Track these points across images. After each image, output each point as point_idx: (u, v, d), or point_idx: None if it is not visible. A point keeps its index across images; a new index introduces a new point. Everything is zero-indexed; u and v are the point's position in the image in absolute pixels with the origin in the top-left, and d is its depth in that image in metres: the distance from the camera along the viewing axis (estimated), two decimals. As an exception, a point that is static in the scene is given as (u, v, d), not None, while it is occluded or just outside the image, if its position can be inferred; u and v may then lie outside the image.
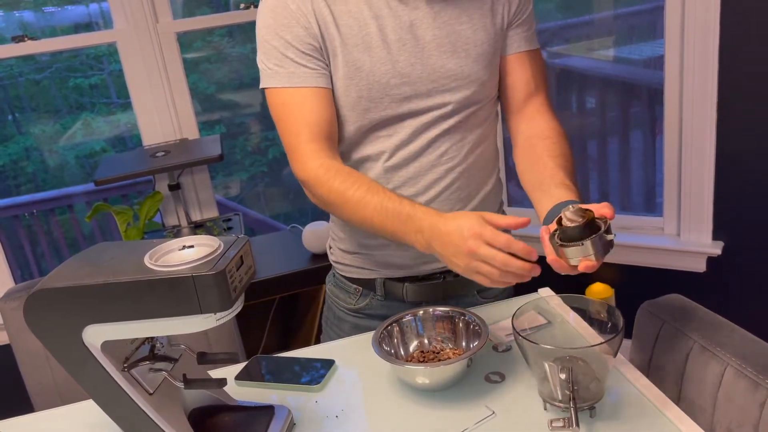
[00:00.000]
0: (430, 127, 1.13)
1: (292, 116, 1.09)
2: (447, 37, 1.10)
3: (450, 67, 1.10)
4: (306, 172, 1.08)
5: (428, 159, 1.14)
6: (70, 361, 0.86)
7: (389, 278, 1.23)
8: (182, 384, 0.91)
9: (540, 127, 1.16)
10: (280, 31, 1.07)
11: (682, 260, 2.16)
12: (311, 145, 1.08)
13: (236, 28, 3.62)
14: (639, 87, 2.61)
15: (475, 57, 1.11)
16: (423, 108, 1.11)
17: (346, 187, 1.04)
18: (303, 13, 1.06)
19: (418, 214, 0.98)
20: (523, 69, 1.18)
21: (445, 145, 1.14)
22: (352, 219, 1.07)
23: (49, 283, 0.84)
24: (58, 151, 4.00)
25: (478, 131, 1.17)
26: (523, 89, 1.18)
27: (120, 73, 2.21)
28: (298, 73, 1.08)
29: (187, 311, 0.82)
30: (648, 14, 2.45)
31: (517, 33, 1.16)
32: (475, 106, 1.15)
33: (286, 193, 4.33)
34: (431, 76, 1.10)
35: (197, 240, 0.88)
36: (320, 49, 1.08)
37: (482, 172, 1.20)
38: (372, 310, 1.26)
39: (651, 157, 2.52)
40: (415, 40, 1.09)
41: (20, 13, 3.38)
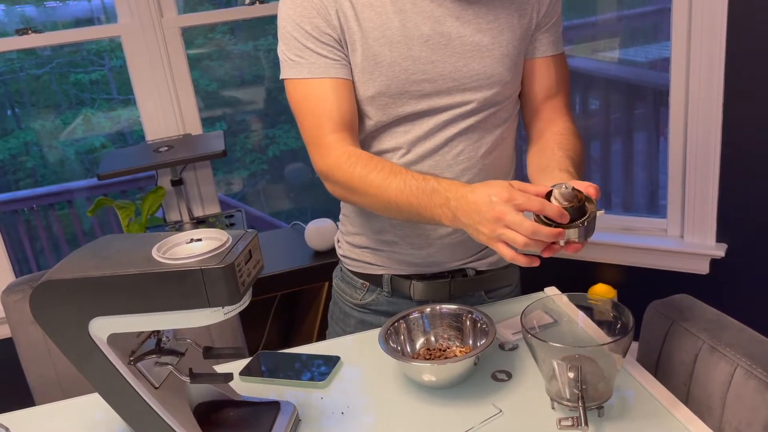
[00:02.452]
0: (449, 125, 1.11)
1: (314, 109, 1.07)
2: (472, 36, 1.07)
3: (473, 67, 1.08)
4: (328, 162, 1.06)
5: (444, 158, 1.12)
6: (75, 353, 0.85)
7: (397, 275, 1.22)
8: (188, 378, 0.90)
9: (555, 126, 1.15)
10: (300, 22, 1.06)
11: (686, 262, 2.15)
12: (333, 136, 1.07)
13: (238, 26, 3.62)
14: (644, 88, 2.60)
15: (500, 57, 1.09)
16: (443, 106, 1.10)
17: (368, 170, 1.02)
18: (324, 4, 1.05)
19: (443, 185, 0.95)
20: (548, 73, 1.16)
21: (462, 144, 1.12)
22: (374, 203, 1.04)
23: (55, 274, 0.83)
24: (58, 147, 3.99)
25: (497, 132, 1.15)
26: (544, 93, 1.17)
27: (121, 69, 2.20)
28: (318, 64, 1.06)
29: (195, 305, 0.81)
30: (653, 16, 2.45)
31: (545, 37, 1.14)
32: (495, 107, 1.13)
33: (287, 192, 4.32)
34: (453, 75, 1.08)
35: (205, 233, 0.87)
36: (340, 41, 1.07)
37: (498, 174, 1.18)
38: (378, 306, 1.26)
39: (655, 159, 2.52)
40: (438, 37, 1.06)
41: (22, 8, 3.37)
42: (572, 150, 1.09)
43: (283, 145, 4.23)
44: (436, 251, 1.19)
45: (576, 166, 1.05)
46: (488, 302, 1.27)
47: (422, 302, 1.21)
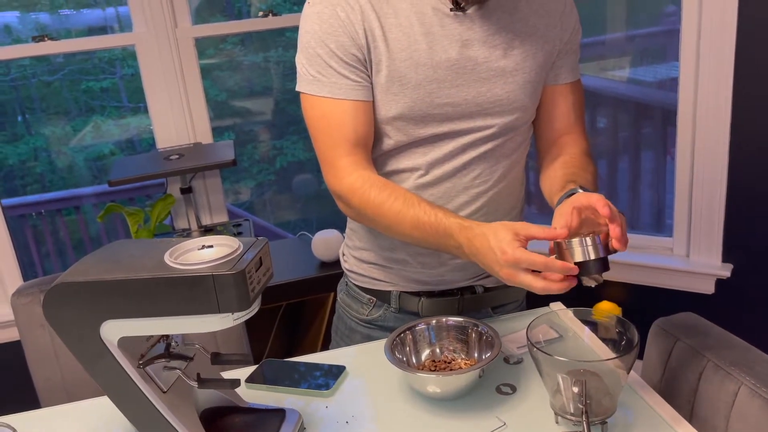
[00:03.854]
0: (468, 149, 1.11)
1: (331, 129, 1.07)
2: (497, 61, 1.07)
3: (496, 92, 1.08)
4: (342, 185, 1.07)
5: (461, 181, 1.12)
6: (86, 356, 0.86)
7: (405, 292, 1.22)
8: (196, 383, 0.91)
9: (569, 149, 1.15)
10: (325, 39, 1.04)
11: (691, 281, 2.15)
12: (348, 159, 1.07)
13: (248, 37, 3.65)
14: (651, 108, 2.62)
15: (522, 84, 1.09)
16: (463, 129, 1.09)
17: (382, 200, 1.03)
18: (351, 22, 1.04)
19: (453, 229, 0.97)
20: (565, 100, 1.16)
21: (479, 168, 1.12)
22: (389, 232, 1.07)
23: (69, 277, 0.84)
24: (67, 153, 4.02)
25: (512, 157, 1.15)
26: (563, 120, 1.17)
27: (131, 78, 2.23)
28: (340, 84, 1.06)
29: (206, 310, 0.82)
30: (662, 36, 2.47)
31: (565, 63, 1.15)
32: (512, 132, 1.13)
33: (293, 202, 4.34)
34: (476, 99, 1.08)
35: (217, 240, 0.88)
36: (364, 61, 1.05)
37: (509, 199, 1.19)
38: (384, 322, 1.25)
39: (662, 178, 2.53)
40: (465, 61, 1.06)
41: (36, 15, 3.41)
42: (577, 166, 1.09)
43: (291, 156, 4.25)
44: (448, 271, 1.19)
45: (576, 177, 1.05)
46: (494, 317, 1.27)
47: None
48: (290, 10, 2.78)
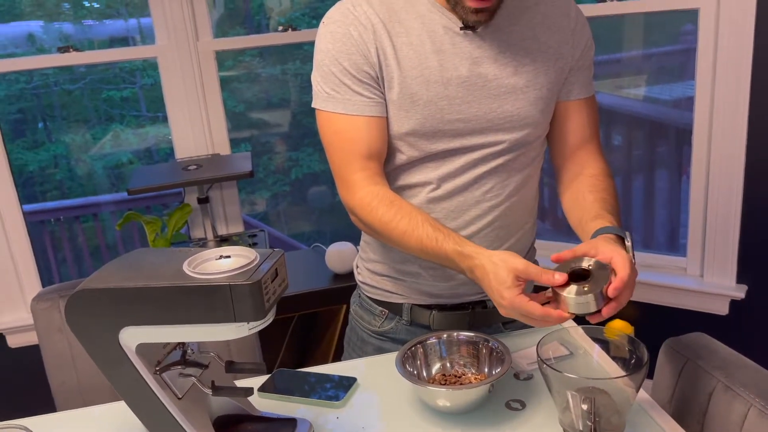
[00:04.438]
0: (479, 163, 1.12)
1: (345, 144, 1.10)
2: (508, 78, 1.09)
3: (507, 109, 1.10)
4: (354, 200, 1.10)
5: (473, 195, 1.14)
6: (105, 361, 0.89)
7: (417, 304, 1.23)
8: (210, 390, 0.93)
9: (588, 168, 1.16)
10: (338, 57, 1.07)
11: (705, 302, 2.14)
12: (360, 174, 1.09)
13: (267, 50, 3.70)
14: (667, 126, 2.62)
15: (534, 100, 1.11)
16: (475, 145, 1.11)
17: (389, 218, 1.06)
18: (364, 41, 1.07)
19: (453, 256, 1.01)
20: (579, 115, 1.17)
21: (491, 182, 1.14)
22: (396, 246, 1.11)
23: (90, 284, 0.87)
24: (86, 161, 4.07)
25: (525, 172, 1.16)
26: (577, 135, 1.18)
27: (151, 87, 2.27)
28: (353, 101, 1.08)
29: (222, 319, 0.84)
30: (679, 55, 2.47)
31: (578, 79, 1.16)
32: (524, 147, 1.14)
33: (307, 214, 4.37)
34: (487, 116, 1.09)
35: (234, 251, 0.90)
36: (377, 78, 1.08)
37: (522, 212, 1.20)
38: (396, 334, 1.26)
39: (676, 197, 2.52)
40: (475, 78, 1.08)
41: (60, 24, 3.48)
42: (604, 191, 1.10)
43: (306, 168, 4.28)
44: (459, 284, 1.20)
45: (607, 206, 1.07)
46: (505, 333, 1.28)
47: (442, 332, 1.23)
48: (309, 24, 2.82)
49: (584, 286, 0.92)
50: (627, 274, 0.90)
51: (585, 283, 0.93)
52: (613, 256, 0.93)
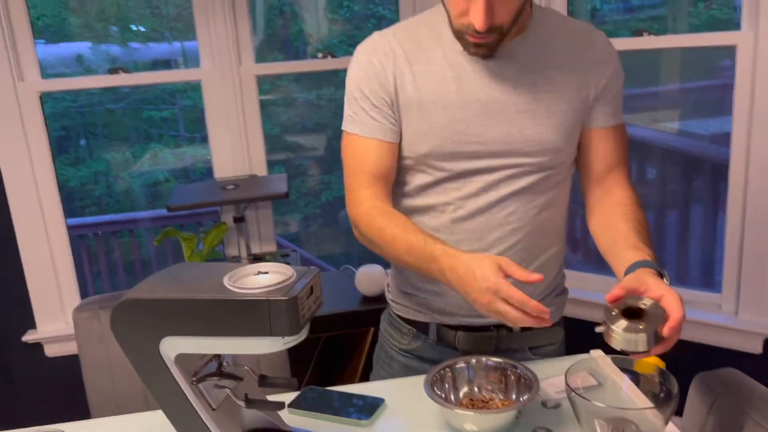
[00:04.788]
0: (501, 185, 1.15)
1: (357, 162, 1.18)
2: (528, 104, 1.12)
3: (527, 133, 1.13)
4: (358, 212, 1.17)
5: (495, 217, 1.16)
6: (145, 369, 0.92)
7: (443, 324, 1.25)
8: (243, 403, 0.95)
9: (617, 196, 1.17)
10: (360, 83, 1.17)
11: (738, 339, 2.11)
12: (367, 191, 1.17)
13: (303, 75, 3.78)
14: (703, 161, 2.60)
15: (555, 126, 1.13)
16: (495, 166, 1.14)
17: (383, 225, 1.12)
18: (383, 68, 1.15)
19: (437, 253, 1.04)
20: (606, 143, 1.19)
21: (514, 205, 1.16)
22: (388, 256, 1.16)
23: (135, 294, 0.91)
24: (125, 178, 4.18)
25: (549, 194, 1.18)
26: (604, 162, 1.19)
27: (189, 109, 2.34)
28: (368, 124, 1.16)
29: (258, 332, 0.87)
30: (716, 90, 2.47)
31: (604, 108, 1.18)
32: (548, 171, 1.16)
33: (337, 236, 4.41)
34: (506, 139, 1.13)
35: (272, 267, 0.93)
36: (392, 105, 1.15)
37: (548, 236, 1.21)
38: (423, 353, 1.29)
39: (711, 233, 2.50)
40: (493, 104, 1.12)
41: (107, 47, 3.62)
42: (636, 221, 1.11)
43: (337, 192, 4.33)
44: None
45: (643, 237, 1.08)
46: (533, 359, 1.28)
47: (467, 353, 1.24)
48: (346, 51, 2.88)
49: (639, 324, 0.91)
50: (681, 314, 0.91)
51: (640, 321, 0.92)
52: (665, 295, 0.93)
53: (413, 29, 1.17)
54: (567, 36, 1.17)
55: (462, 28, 1.07)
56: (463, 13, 1.05)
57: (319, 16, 3.36)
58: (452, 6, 1.07)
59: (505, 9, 1.04)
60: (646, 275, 0.97)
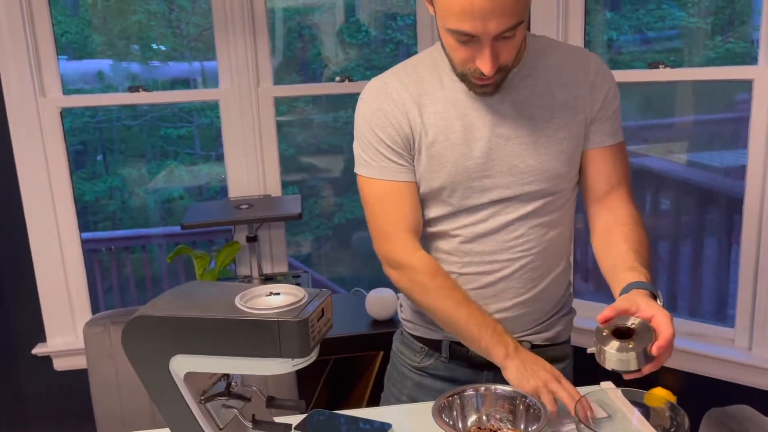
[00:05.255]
0: (508, 210, 1.19)
1: (387, 206, 1.20)
2: (529, 136, 1.16)
3: (530, 163, 1.16)
4: (405, 258, 1.20)
5: (504, 239, 1.19)
6: (154, 386, 0.92)
7: (456, 342, 1.26)
8: (250, 424, 0.95)
9: (619, 215, 1.19)
10: (375, 128, 1.19)
11: (752, 375, 2.07)
12: (407, 234, 1.19)
13: (320, 97, 3.82)
14: (717, 194, 2.59)
15: (556, 154, 1.17)
16: (502, 198, 1.18)
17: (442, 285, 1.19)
18: (396, 114, 1.18)
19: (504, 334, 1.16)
20: (605, 162, 1.21)
21: (522, 228, 1.19)
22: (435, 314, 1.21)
23: (147, 311, 0.91)
24: (140, 194, 4.22)
25: (554, 216, 1.21)
26: (605, 181, 1.22)
27: (206, 127, 2.36)
28: (389, 168, 1.19)
29: (268, 353, 0.87)
30: (731, 123, 2.46)
31: (601, 128, 1.21)
32: (553, 195, 1.20)
33: (348, 259, 4.41)
34: (511, 171, 1.17)
35: (284, 288, 0.94)
36: (409, 148, 1.19)
37: (555, 255, 1.24)
38: (435, 371, 1.30)
39: (725, 266, 2.47)
40: (496, 139, 1.16)
41: (128, 64, 3.68)
42: (636, 241, 1.13)
43: (350, 213, 4.35)
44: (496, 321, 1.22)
45: (641, 258, 1.10)
46: None
47: (479, 369, 1.26)
48: (363, 75, 2.92)
49: (629, 343, 0.93)
50: (671, 333, 0.93)
51: (629, 340, 0.93)
52: (655, 314, 0.95)
53: (414, 74, 1.20)
54: (562, 62, 1.20)
55: (467, 72, 1.10)
56: (468, 60, 1.08)
57: (337, 40, 3.40)
58: (456, 54, 1.09)
59: (508, 50, 1.07)
60: (638, 296, 1.00)
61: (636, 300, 0.98)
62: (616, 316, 0.97)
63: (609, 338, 0.95)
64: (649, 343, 0.93)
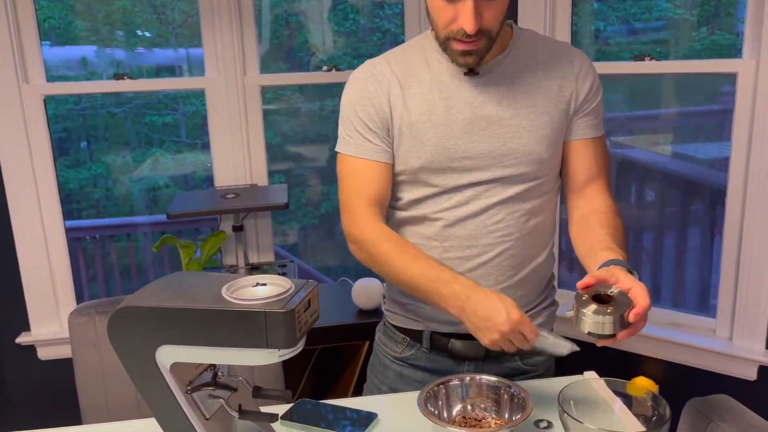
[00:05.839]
0: (489, 194, 1.20)
1: (355, 182, 1.22)
2: (511, 119, 1.18)
3: (511, 146, 1.18)
4: (360, 231, 1.21)
5: (484, 224, 1.21)
6: (140, 376, 0.92)
7: (437, 332, 1.28)
8: (237, 413, 0.95)
9: (596, 204, 1.22)
10: (356, 107, 1.22)
11: (732, 366, 2.11)
12: (367, 209, 1.21)
13: (307, 86, 3.80)
14: (701, 185, 2.61)
15: (537, 138, 1.19)
16: (482, 180, 1.19)
17: (392, 247, 1.18)
18: (378, 94, 1.20)
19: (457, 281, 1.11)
20: (586, 154, 1.24)
21: (502, 213, 1.21)
22: (393, 277, 1.20)
23: (133, 301, 0.91)
24: (124, 182, 4.19)
25: (536, 202, 1.23)
26: (584, 173, 1.25)
27: (192, 115, 2.34)
28: (363, 146, 1.22)
29: (255, 344, 0.87)
30: (716, 115, 2.48)
31: (584, 121, 1.24)
32: (534, 181, 1.21)
33: (335, 248, 4.41)
34: (492, 153, 1.18)
35: (270, 279, 0.94)
36: (387, 129, 1.20)
37: (537, 243, 1.26)
38: (417, 361, 1.32)
39: (708, 257, 2.50)
40: (479, 120, 1.18)
41: (112, 51, 3.63)
42: (612, 227, 1.16)
43: (336, 202, 4.33)
44: None
45: (617, 241, 1.13)
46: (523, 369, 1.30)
47: (460, 359, 1.27)
48: (350, 64, 2.90)
49: (607, 308, 0.96)
50: (648, 303, 0.97)
51: (608, 305, 0.97)
52: (633, 286, 0.98)
53: (403, 56, 1.24)
54: (547, 53, 1.22)
55: (450, 35, 1.11)
56: (451, 20, 1.10)
57: (324, 28, 3.38)
58: (439, 15, 1.11)
59: (492, 13, 1.09)
60: (616, 269, 1.03)
61: (615, 272, 1.02)
62: (596, 284, 1.01)
63: (588, 302, 0.98)
64: (626, 310, 0.96)
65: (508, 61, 1.20)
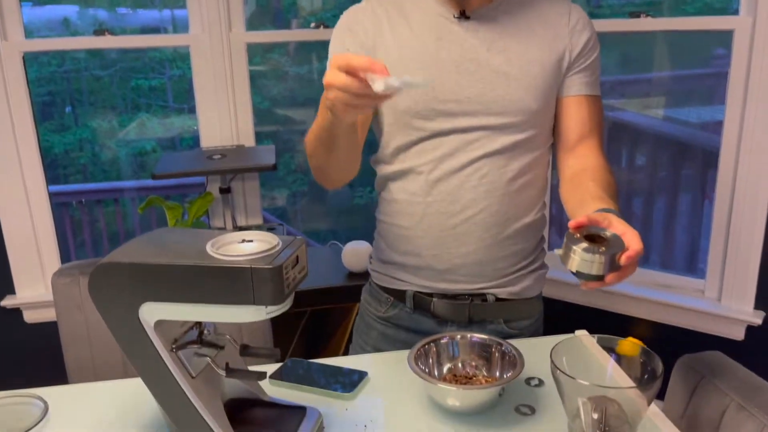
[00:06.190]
0: (475, 145, 1.17)
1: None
2: (500, 66, 1.16)
3: (499, 93, 1.16)
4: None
5: (469, 178, 1.18)
6: (123, 335, 0.90)
7: (420, 292, 1.27)
8: (224, 372, 0.93)
9: (588, 163, 1.20)
10: (344, 38, 1.22)
11: (721, 326, 2.12)
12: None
13: (295, 48, 3.73)
14: (693, 149, 2.60)
15: (526, 87, 1.16)
16: (469, 126, 1.17)
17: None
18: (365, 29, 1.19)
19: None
20: (579, 112, 1.22)
21: (488, 167, 1.18)
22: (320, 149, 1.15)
23: (114, 257, 0.88)
24: (111, 146, 4.13)
25: (524, 160, 1.20)
26: (576, 131, 1.22)
27: (179, 79, 2.29)
28: None
29: (241, 301, 0.85)
30: (709, 78, 2.46)
31: (578, 77, 1.21)
32: (522, 134, 1.18)
33: (324, 213, 4.39)
34: (479, 98, 1.16)
35: (257, 235, 0.91)
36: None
37: (525, 203, 1.23)
38: (400, 321, 1.31)
39: (698, 220, 2.50)
40: (468, 63, 1.15)
41: (95, 11, 3.53)
42: (604, 181, 1.14)
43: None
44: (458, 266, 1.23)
45: (610, 196, 1.10)
46: (508, 333, 1.29)
47: (442, 321, 1.26)
48: (339, 23, 2.84)
49: (599, 247, 0.93)
50: (640, 247, 0.93)
51: (600, 245, 0.94)
52: (626, 231, 0.95)
53: None
54: (543, 4, 1.20)
55: None
56: None
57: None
58: None
59: None
60: (610, 215, 1.00)
61: (608, 216, 0.99)
62: (589, 224, 0.97)
63: (580, 240, 0.95)
64: (618, 252, 0.93)
65: (503, 7, 1.18)
